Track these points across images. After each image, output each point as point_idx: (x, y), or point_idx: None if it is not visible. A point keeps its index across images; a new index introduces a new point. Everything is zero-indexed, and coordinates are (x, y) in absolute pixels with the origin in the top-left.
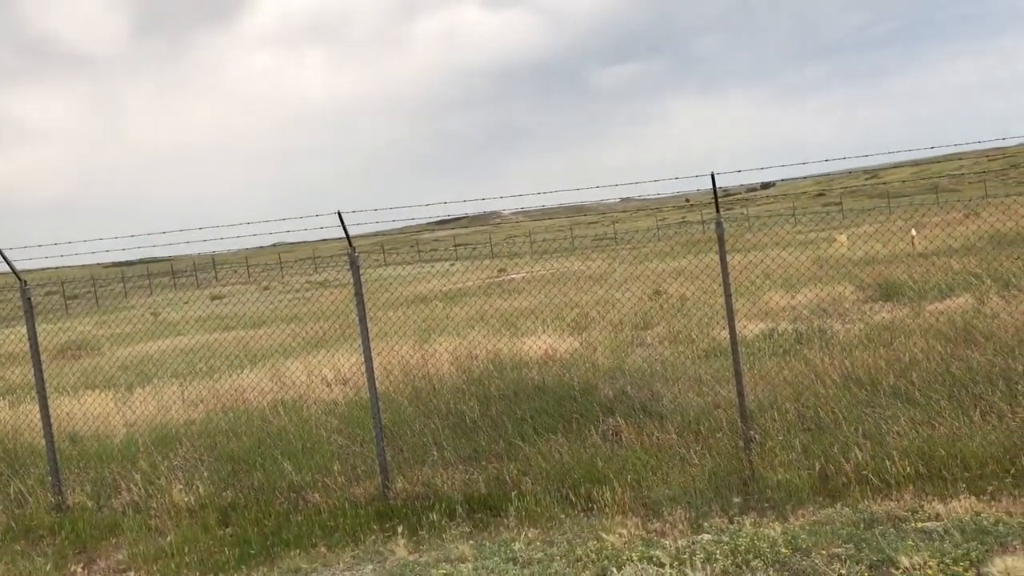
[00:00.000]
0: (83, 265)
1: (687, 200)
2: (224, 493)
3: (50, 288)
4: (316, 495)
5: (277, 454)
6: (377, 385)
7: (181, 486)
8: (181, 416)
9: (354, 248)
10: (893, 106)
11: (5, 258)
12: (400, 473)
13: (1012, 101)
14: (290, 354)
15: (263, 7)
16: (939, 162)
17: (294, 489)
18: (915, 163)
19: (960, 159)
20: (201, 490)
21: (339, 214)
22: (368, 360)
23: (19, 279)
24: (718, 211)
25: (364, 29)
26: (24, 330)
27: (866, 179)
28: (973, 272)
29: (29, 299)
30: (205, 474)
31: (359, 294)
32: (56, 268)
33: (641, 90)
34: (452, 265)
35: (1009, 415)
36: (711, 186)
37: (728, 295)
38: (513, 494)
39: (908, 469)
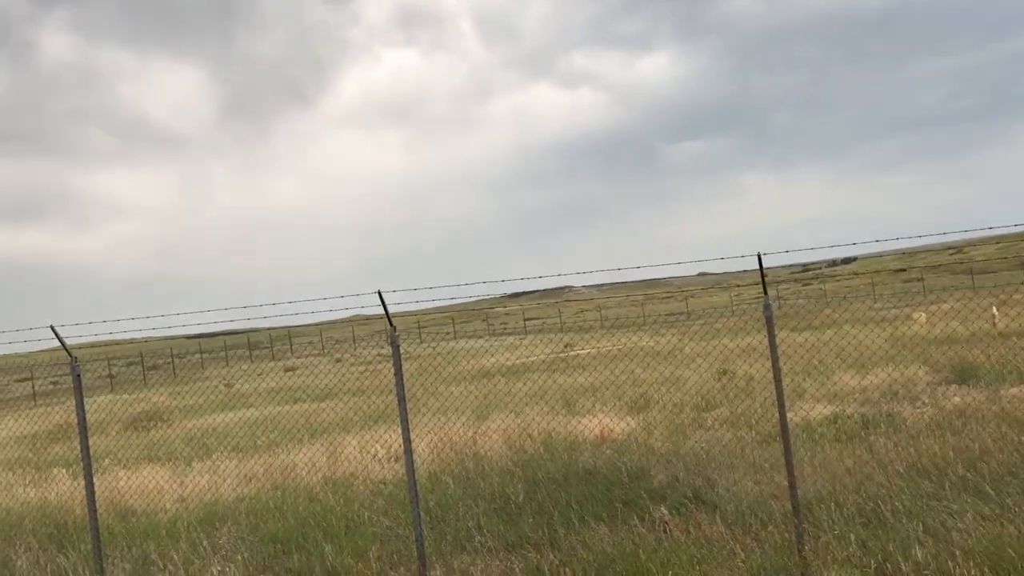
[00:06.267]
0: (165, 338)
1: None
2: (261, 575)
3: (132, 359)
4: None
5: (319, 535)
6: (427, 465)
7: (217, 568)
8: (233, 492)
9: (394, 327)
10: (978, 181)
11: (57, 335)
12: (439, 559)
13: None
14: (350, 428)
15: (343, 91)
16: None
17: (329, 573)
18: (1000, 239)
19: None
20: (238, 573)
21: (379, 293)
22: (407, 442)
23: (69, 355)
24: (766, 293)
25: (439, 108)
26: (99, 401)
27: (949, 255)
28: None
29: (79, 375)
30: (246, 555)
31: (399, 373)
32: (141, 341)
33: (712, 165)
34: (521, 339)
35: None
36: (758, 267)
37: (778, 380)
38: None
39: (972, 571)
